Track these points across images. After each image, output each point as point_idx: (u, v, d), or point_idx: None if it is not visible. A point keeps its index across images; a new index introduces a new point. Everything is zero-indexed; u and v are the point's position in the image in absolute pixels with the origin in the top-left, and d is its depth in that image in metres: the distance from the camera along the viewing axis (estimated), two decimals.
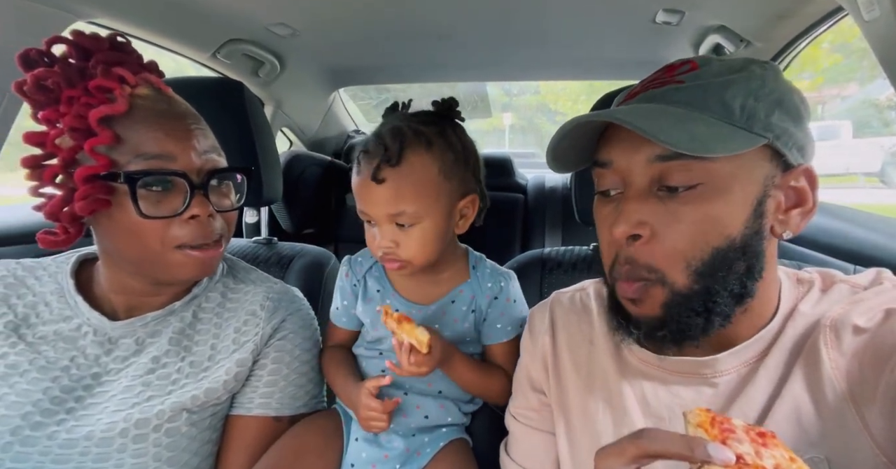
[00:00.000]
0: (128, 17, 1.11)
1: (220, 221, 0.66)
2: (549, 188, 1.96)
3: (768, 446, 0.34)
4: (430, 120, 0.70)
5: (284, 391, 0.72)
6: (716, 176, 0.44)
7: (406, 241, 0.67)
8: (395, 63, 1.77)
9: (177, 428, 0.63)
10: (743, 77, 0.45)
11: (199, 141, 0.64)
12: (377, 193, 0.66)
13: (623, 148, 0.47)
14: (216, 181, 0.66)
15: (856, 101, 7.65)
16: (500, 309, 0.76)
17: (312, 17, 1.31)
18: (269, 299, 0.74)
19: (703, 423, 0.35)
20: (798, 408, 0.45)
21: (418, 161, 0.66)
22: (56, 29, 0.97)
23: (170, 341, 0.67)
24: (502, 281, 0.76)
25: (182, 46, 1.34)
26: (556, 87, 10.43)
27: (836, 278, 0.51)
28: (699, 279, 0.45)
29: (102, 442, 0.60)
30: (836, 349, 0.45)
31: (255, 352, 0.70)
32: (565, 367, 0.61)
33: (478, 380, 0.74)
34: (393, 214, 0.66)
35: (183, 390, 0.65)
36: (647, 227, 0.44)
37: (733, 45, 1.22)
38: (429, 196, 0.66)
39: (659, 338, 0.47)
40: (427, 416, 0.75)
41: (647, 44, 1.47)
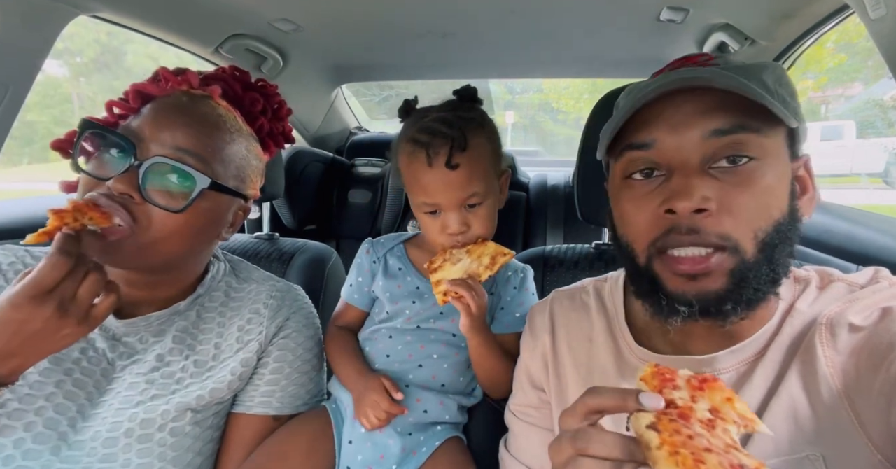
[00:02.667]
0: (130, 11, 1.11)
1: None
2: (552, 186, 1.96)
3: (705, 390, 0.34)
4: (465, 107, 0.75)
5: (286, 390, 0.72)
6: (767, 151, 0.45)
7: (475, 220, 0.72)
8: (398, 60, 1.77)
9: (181, 427, 0.63)
10: (770, 66, 0.47)
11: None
12: (451, 180, 0.69)
13: (671, 126, 0.46)
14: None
15: (860, 101, 7.63)
16: (521, 299, 0.79)
17: (316, 14, 1.30)
18: (273, 297, 0.74)
19: (646, 377, 0.36)
20: (794, 405, 0.45)
21: (479, 143, 0.71)
22: (60, 22, 0.97)
23: (174, 340, 0.67)
24: (522, 272, 0.81)
25: (185, 41, 1.34)
26: (558, 85, 10.41)
27: (833, 277, 0.51)
28: (765, 248, 0.45)
29: (108, 442, 0.60)
30: (832, 347, 0.45)
31: (259, 351, 0.70)
32: (565, 365, 0.61)
33: (495, 359, 0.74)
34: (465, 197, 0.70)
35: (188, 390, 0.65)
36: (712, 201, 0.44)
37: (738, 44, 1.21)
38: (490, 174, 0.73)
39: (725, 312, 0.45)
40: (426, 410, 0.76)
41: (651, 42, 1.46)
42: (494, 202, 0.74)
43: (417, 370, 0.77)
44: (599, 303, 0.62)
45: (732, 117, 0.44)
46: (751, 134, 0.44)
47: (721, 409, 0.33)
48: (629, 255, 0.50)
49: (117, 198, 0.57)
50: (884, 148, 6.69)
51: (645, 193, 0.48)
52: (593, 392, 0.37)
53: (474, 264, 0.68)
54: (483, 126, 0.73)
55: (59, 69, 8.85)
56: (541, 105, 12.15)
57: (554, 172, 2.07)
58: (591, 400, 0.36)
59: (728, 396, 0.34)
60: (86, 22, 1.07)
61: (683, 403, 0.34)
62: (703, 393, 0.34)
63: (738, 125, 0.44)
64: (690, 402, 0.34)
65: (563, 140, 11.41)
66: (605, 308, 0.61)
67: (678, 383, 0.35)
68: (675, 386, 0.35)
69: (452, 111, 0.73)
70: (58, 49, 1.01)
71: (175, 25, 1.25)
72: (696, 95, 0.45)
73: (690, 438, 0.31)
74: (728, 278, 0.45)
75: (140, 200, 0.57)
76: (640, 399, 0.34)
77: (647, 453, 0.31)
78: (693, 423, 0.32)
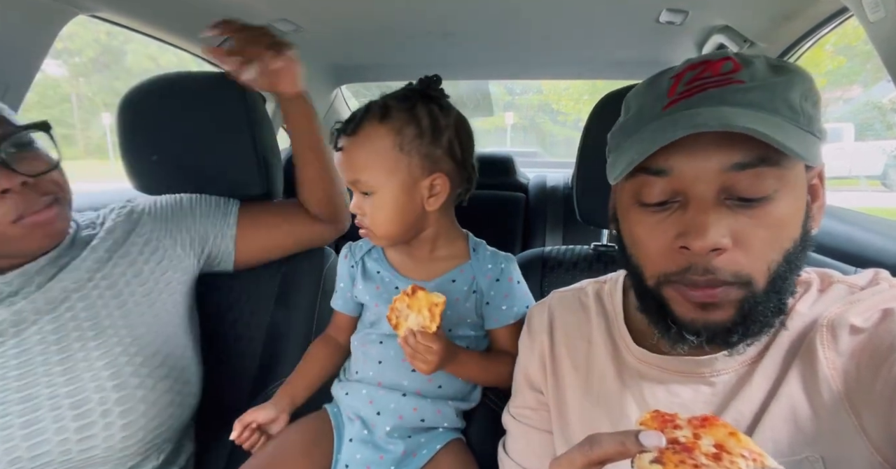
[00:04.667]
0: (130, 11, 1.11)
1: (46, 186, 0.65)
2: (551, 187, 1.96)
3: (707, 427, 0.34)
4: (406, 95, 0.71)
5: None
6: (786, 182, 0.43)
7: (368, 209, 0.70)
8: (397, 60, 1.77)
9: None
10: (798, 77, 0.44)
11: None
12: (341, 160, 0.70)
13: (689, 155, 0.44)
14: (15, 149, 0.63)
15: (859, 103, 7.65)
16: (504, 290, 0.75)
17: (315, 14, 1.30)
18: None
19: (646, 421, 0.35)
20: (794, 407, 0.45)
21: (372, 131, 0.68)
22: (59, 22, 0.97)
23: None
24: (503, 263, 0.77)
25: (184, 41, 1.34)
26: (558, 86, 10.43)
27: (833, 278, 0.51)
28: (776, 281, 0.44)
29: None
30: (832, 349, 0.45)
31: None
32: (563, 367, 0.61)
33: (486, 371, 0.74)
34: (352, 181, 0.70)
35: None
36: (728, 237, 0.43)
37: (737, 46, 1.22)
38: (382, 168, 0.68)
39: (731, 343, 0.45)
40: (423, 419, 0.75)
41: (651, 43, 1.46)
42: (393, 198, 0.69)
43: (412, 375, 0.75)
44: (598, 304, 0.62)
45: (755, 151, 0.42)
46: (772, 167, 0.42)
47: (726, 444, 0.32)
48: (637, 274, 0.50)
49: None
50: (882, 150, 6.70)
51: (658, 221, 0.46)
52: (592, 441, 0.35)
53: (420, 318, 0.64)
54: (389, 116, 0.68)
55: (58, 69, 8.85)
56: (540, 106, 12.16)
57: (553, 173, 2.07)
58: (591, 451, 0.34)
59: (731, 432, 0.33)
60: (85, 22, 1.07)
61: (687, 440, 0.33)
62: (706, 429, 0.33)
63: (760, 158, 0.42)
64: (693, 440, 0.33)
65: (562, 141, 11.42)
66: (604, 309, 0.61)
67: (679, 423, 0.34)
68: (676, 425, 0.34)
69: (391, 97, 0.70)
70: (57, 49, 1.01)
71: (174, 25, 1.25)
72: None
73: (696, 468, 0.30)
74: (736, 310, 0.44)
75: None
76: (641, 439, 0.33)
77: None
78: (698, 455, 0.31)
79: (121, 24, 1.15)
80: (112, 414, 0.64)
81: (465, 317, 0.76)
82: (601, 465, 0.35)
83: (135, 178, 0.92)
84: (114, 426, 0.64)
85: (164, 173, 0.92)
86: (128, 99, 0.90)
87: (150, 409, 0.67)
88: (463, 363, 0.71)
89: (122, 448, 0.65)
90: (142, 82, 0.91)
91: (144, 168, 0.92)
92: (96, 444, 0.63)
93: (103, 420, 0.63)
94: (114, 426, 0.64)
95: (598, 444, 0.34)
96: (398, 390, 0.75)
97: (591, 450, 0.34)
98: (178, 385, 0.73)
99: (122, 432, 0.64)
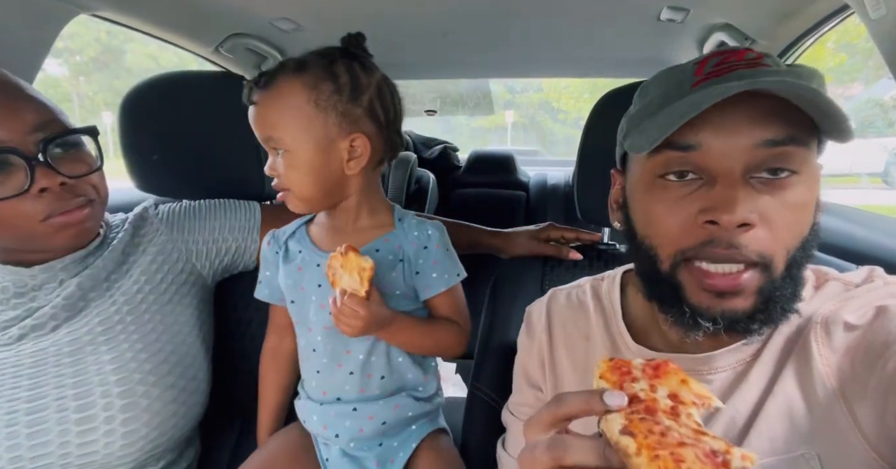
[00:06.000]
0: (130, 10, 1.11)
1: (83, 187, 0.65)
2: (552, 186, 1.96)
3: (661, 377, 0.35)
4: (327, 52, 0.68)
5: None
6: (808, 165, 0.44)
7: (282, 169, 0.67)
8: (397, 59, 1.77)
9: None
10: (815, 72, 0.45)
11: (22, 113, 0.62)
12: (253, 115, 0.67)
13: (719, 131, 0.43)
14: (61, 149, 0.64)
15: (860, 100, 7.62)
16: (433, 257, 0.72)
17: (316, 13, 1.30)
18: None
19: (605, 373, 0.36)
20: (790, 405, 0.45)
21: (286, 86, 0.65)
22: (60, 21, 0.97)
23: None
24: (429, 229, 0.73)
25: (184, 40, 1.34)
26: (558, 84, 10.43)
27: (829, 276, 0.51)
28: (792, 266, 0.44)
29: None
30: (826, 346, 0.45)
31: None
32: (562, 364, 0.61)
33: (425, 336, 0.72)
34: (266, 138, 0.67)
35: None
36: (755, 214, 0.42)
37: (738, 44, 1.22)
38: (296, 124, 0.65)
39: (752, 330, 0.45)
40: (385, 422, 0.73)
41: (652, 42, 1.46)
42: (308, 158, 0.65)
43: (348, 380, 0.72)
44: (597, 301, 0.62)
45: (786, 128, 0.42)
46: (800, 147, 0.43)
47: (679, 393, 0.34)
48: (650, 258, 0.48)
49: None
50: (884, 148, 6.69)
51: (680, 197, 0.45)
52: (558, 400, 0.36)
53: (351, 280, 0.62)
54: (304, 70, 0.65)
55: (59, 68, 8.85)
56: (541, 104, 12.16)
57: (554, 172, 2.07)
58: (557, 408, 0.36)
59: (682, 378, 0.34)
60: (86, 21, 1.07)
61: (646, 396, 0.34)
62: (660, 380, 0.34)
63: (790, 137, 0.42)
64: (651, 393, 0.34)
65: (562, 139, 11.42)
66: (602, 306, 0.61)
67: (635, 374, 0.35)
68: (633, 378, 0.35)
69: (313, 53, 0.68)
70: (57, 48, 1.01)
71: (175, 24, 1.25)
72: (747, 101, 0.42)
73: (664, 435, 0.31)
74: (757, 297, 0.44)
75: None
76: (605, 399, 0.33)
77: (626, 460, 0.31)
78: (660, 416, 0.32)
79: (122, 24, 1.15)
80: (115, 421, 0.64)
81: (392, 287, 0.72)
82: (567, 421, 0.36)
83: (136, 177, 0.92)
84: (115, 433, 0.64)
85: (166, 172, 0.92)
86: (129, 98, 0.90)
87: (153, 418, 0.67)
88: (397, 329, 0.68)
89: (122, 455, 0.65)
90: (143, 82, 0.92)
91: (146, 167, 0.92)
92: (97, 449, 0.63)
93: (106, 426, 0.64)
94: (115, 433, 0.64)
95: (565, 403, 0.35)
96: (347, 404, 0.72)
97: (557, 408, 0.35)
98: (183, 395, 0.73)
99: (123, 440, 0.64)
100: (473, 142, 11.26)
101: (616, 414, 0.33)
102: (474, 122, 11.37)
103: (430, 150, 2.26)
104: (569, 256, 0.86)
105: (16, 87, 0.63)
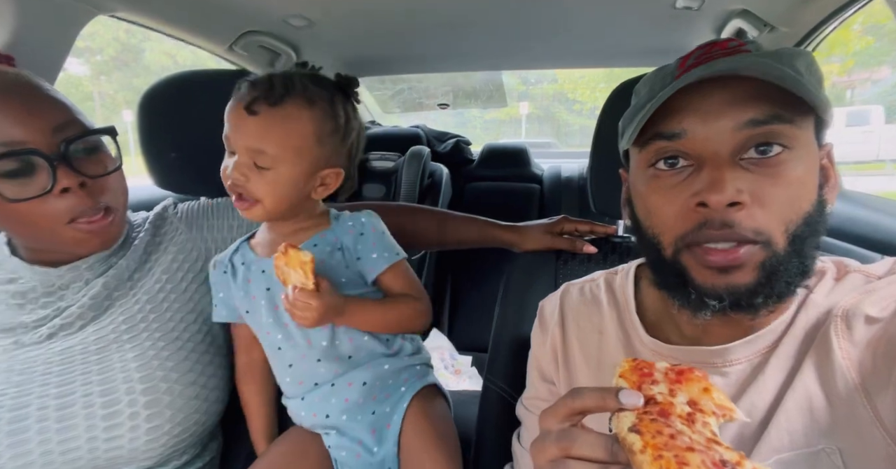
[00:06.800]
0: (147, 11, 1.13)
1: (103, 188, 0.66)
2: (566, 178, 1.94)
3: (682, 383, 0.35)
4: (326, 85, 0.71)
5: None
6: (799, 142, 0.44)
7: (257, 179, 0.68)
8: (410, 53, 1.77)
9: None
10: (799, 52, 0.46)
11: (44, 114, 0.62)
12: (247, 124, 0.67)
13: (702, 117, 0.45)
14: (81, 149, 0.65)
15: (888, 84, 7.36)
16: (371, 240, 0.75)
17: (328, 9, 1.31)
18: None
19: (625, 373, 0.37)
20: (809, 398, 0.45)
21: (296, 112, 0.67)
22: (78, 22, 0.99)
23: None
24: (363, 217, 0.76)
25: (200, 39, 1.36)
26: (574, 75, 10.29)
27: (850, 267, 0.50)
28: (795, 241, 0.44)
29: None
30: (847, 339, 0.44)
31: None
32: (575, 358, 0.61)
33: (383, 313, 0.73)
34: (254, 150, 0.67)
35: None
36: (745, 193, 0.43)
37: (756, 30, 1.18)
38: (294, 148, 0.67)
39: (756, 305, 0.45)
40: (365, 382, 0.74)
41: (668, 30, 1.43)
42: (291, 177, 0.68)
43: (322, 366, 0.74)
44: (610, 295, 0.62)
45: (767, 107, 0.43)
46: (785, 125, 0.43)
47: (699, 401, 0.34)
48: (655, 246, 0.49)
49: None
50: None
51: (673, 185, 0.47)
52: (575, 393, 0.37)
53: (298, 275, 0.64)
54: (315, 104, 0.68)
55: (80, 68, 9.03)
56: (556, 95, 12.03)
57: (568, 164, 2.06)
58: (573, 401, 0.36)
59: (705, 387, 0.34)
60: (105, 21, 1.10)
61: (663, 399, 0.34)
62: (682, 385, 0.34)
63: (773, 116, 0.43)
64: (670, 397, 0.34)
65: (577, 130, 11.29)
66: (615, 300, 0.61)
67: (657, 377, 0.35)
68: (654, 380, 0.35)
69: (311, 81, 0.69)
70: (79, 48, 1.04)
71: (190, 23, 1.27)
72: (727, 84, 0.44)
73: (672, 438, 0.31)
74: (759, 271, 0.44)
75: None
76: (620, 397, 0.34)
77: (630, 457, 0.31)
78: (674, 419, 0.32)
79: (139, 23, 1.17)
80: (139, 416, 0.66)
81: (338, 276, 0.73)
82: (581, 415, 0.37)
83: (154, 174, 0.94)
84: (140, 428, 0.66)
85: (183, 170, 0.94)
86: (146, 97, 0.91)
87: (175, 414, 0.69)
88: (352, 312, 0.70)
89: (146, 450, 0.67)
90: (160, 80, 0.93)
91: (164, 165, 0.94)
92: (122, 444, 0.65)
93: (131, 422, 0.65)
94: (140, 428, 0.66)
95: (580, 397, 0.36)
96: (325, 385, 0.74)
97: (573, 401, 0.36)
98: (205, 391, 0.74)
99: (147, 435, 0.66)
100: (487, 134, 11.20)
101: (629, 412, 0.33)
102: (487, 115, 11.30)
103: (443, 144, 2.26)
104: (583, 250, 0.85)
105: (37, 88, 0.64)
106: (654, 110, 0.46)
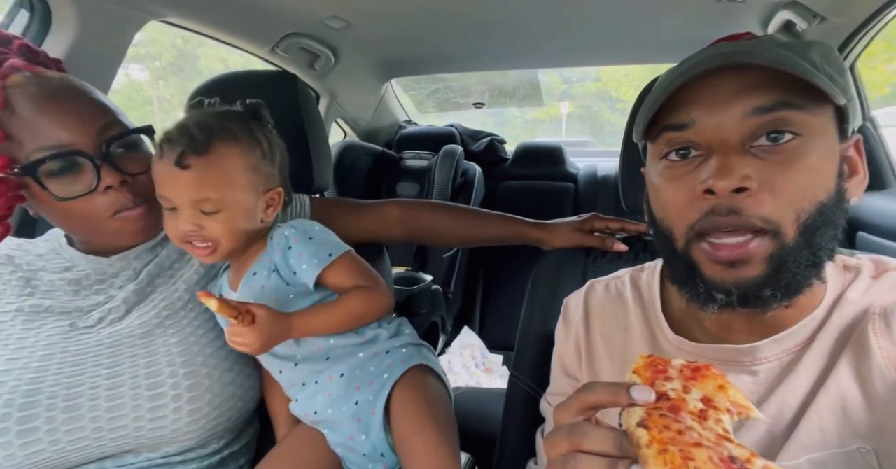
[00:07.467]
0: (195, 16, 1.20)
1: (141, 185, 0.70)
2: (602, 177, 1.91)
3: (697, 379, 0.34)
4: (238, 117, 0.73)
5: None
6: (812, 129, 0.43)
7: (210, 224, 0.69)
8: (446, 53, 1.78)
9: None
10: (815, 44, 0.45)
11: (89, 117, 0.66)
12: (181, 179, 0.67)
13: (710, 106, 0.45)
14: (122, 148, 0.69)
15: None
16: (297, 252, 0.74)
17: (365, 10, 1.34)
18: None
19: (639, 368, 0.36)
20: (844, 398, 0.43)
21: (225, 151, 0.68)
22: (132, 28, 1.06)
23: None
24: (286, 230, 0.76)
25: (244, 42, 1.42)
26: (617, 72, 10.03)
27: (888, 266, 0.48)
28: (806, 231, 0.43)
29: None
30: (886, 338, 0.43)
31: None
32: (599, 354, 0.60)
33: (337, 312, 0.74)
34: (197, 200, 0.67)
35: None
36: (753, 179, 0.43)
37: (805, 22, 1.12)
38: (234, 186, 0.69)
39: (765, 299, 0.44)
40: (343, 373, 0.75)
41: (711, 23, 1.38)
42: (241, 214, 0.71)
43: (303, 369, 0.77)
44: (636, 292, 0.61)
45: (775, 94, 0.42)
46: (795, 111, 0.42)
47: (714, 398, 0.33)
48: (667, 239, 0.49)
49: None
50: None
51: (683, 174, 0.47)
52: (588, 388, 0.37)
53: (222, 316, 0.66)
54: (239, 139, 0.70)
55: (141, 73, 9.59)
56: (598, 94, 11.78)
57: (604, 163, 2.02)
58: (586, 396, 0.36)
59: (721, 384, 0.34)
60: (164, 28, 1.17)
61: (675, 395, 0.33)
62: (696, 382, 0.34)
63: (781, 102, 0.42)
64: (683, 394, 0.33)
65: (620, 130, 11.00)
66: (641, 297, 0.60)
67: (671, 374, 0.35)
68: (668, 377, 0.35)
69: (222, 119, 0.70)
70: (140, 54, 1.11)
71: (235, 27, 1.33)
72: (735, 73, 0.44)
73: (680, 433, 0.31)
74: (766, 264, 0.43)
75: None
76: (631, 393, 0.34)
77: (637, 451, 0.31)
78: (684, 415, 0.32)
79: (188, 28, 1.23)
80: (182, 399, 0.70)
81: (283, 295, 0.74)
82: (594, 410, 0.37)
83: None
84: (182, 410, 0.70)
85: None
86: (193, 97, 0.97)
87: (214, 398, 0.73)
88: (302, 325, 0.71)
89: (187, 431, 0.71)
90: (204, 83, 0.98)
91: None
92: (165, 425, 0.69)
93: (174, 404, 0.69)
94: (182, 410, 0.70)
95: (592, 391, 0.36)
96: (310, 383, 0.76)
97: (585, 395, 0.36)
98: (240, 378, 0.78)
99: (188, 417, 0.70)
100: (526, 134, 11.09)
101: (639, 407, 0.33)
102: (528, 114, 11.18)
103: (476, 143, 2.26)
104: (613, 248, 0.84)
105: (82, 92, 0.69)
106: (662, 102, 0.46)
